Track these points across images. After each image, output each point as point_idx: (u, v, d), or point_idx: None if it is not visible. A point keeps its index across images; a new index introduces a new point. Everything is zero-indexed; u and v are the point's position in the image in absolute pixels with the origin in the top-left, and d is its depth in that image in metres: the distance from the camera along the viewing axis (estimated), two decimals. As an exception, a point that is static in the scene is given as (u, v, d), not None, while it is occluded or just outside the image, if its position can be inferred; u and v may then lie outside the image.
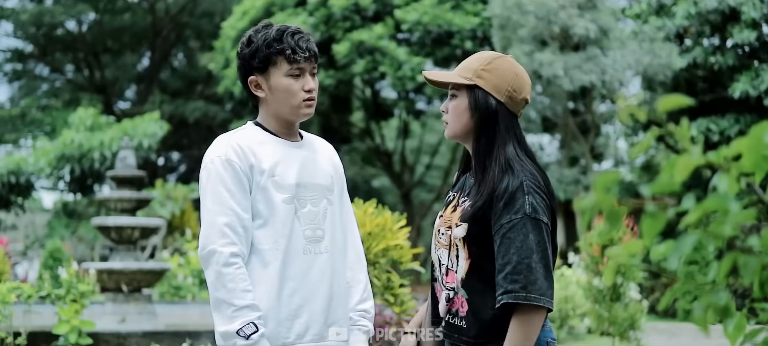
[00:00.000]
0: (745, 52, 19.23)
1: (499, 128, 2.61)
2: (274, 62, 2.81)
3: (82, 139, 22.26)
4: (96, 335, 8.38)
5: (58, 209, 26.65)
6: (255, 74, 2.84)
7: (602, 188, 1.29)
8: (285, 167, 2.80)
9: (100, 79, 34.51)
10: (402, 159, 28.32)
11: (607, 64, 18.20)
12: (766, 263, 1.29)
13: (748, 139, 1.26)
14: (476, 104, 2.62)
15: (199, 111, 31.28)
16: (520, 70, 2.66)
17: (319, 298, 2.79)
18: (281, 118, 2.86)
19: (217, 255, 2.69)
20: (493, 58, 2.67)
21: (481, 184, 2.58)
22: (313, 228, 2.80)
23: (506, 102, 2.62)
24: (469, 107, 2.64)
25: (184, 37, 35.29)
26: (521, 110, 2.67)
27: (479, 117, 2.62)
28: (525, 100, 2.66)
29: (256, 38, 2.83)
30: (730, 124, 18.69)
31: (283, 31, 2.82)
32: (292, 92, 2.81)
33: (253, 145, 2.79)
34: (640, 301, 9.83)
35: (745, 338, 1.45)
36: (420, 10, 22.61)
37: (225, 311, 2.67)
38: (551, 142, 22.53)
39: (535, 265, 2.45)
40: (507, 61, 2.66)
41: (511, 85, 2.62)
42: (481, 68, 2.64)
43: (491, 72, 2.63)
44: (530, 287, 2.43)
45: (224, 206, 2.73)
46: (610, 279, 1.29)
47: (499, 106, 2.61)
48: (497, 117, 2.61)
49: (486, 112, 2.61)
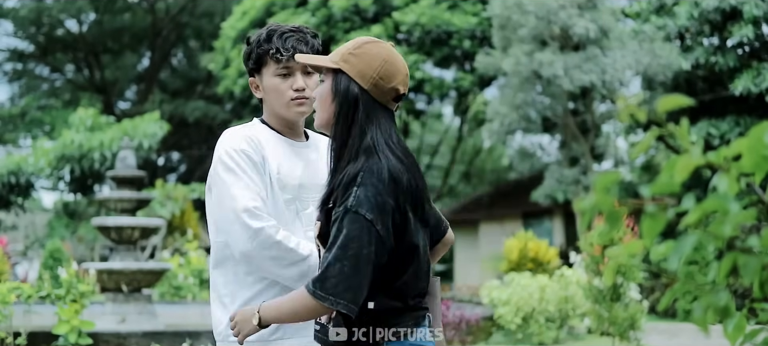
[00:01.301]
0: (746, 53, 19.23)
1: (358, 117, 2.40)
2: (264, 63, 2.85)
3: (82, 140, 22.26)
4: (96, 335, 8.38)
5: (58, 209, 26.66)
6: (254, 75, 2.90)
7: (602, 188, 1.29)
8: (289, 167, 2.80)
9: (100, 79, 34.51)
10: (402, 159, 28.29)
11: (607, 64, 18.20)
12: (766, 263, 1.29)
13: (748, 139, 1.26)
14: (337, 89, 2.44)
15: (199, 111, 31.29)
16: (392, 58, 2.45)
17: None
18: (279, 117, 2.88)
19: (266, 229, 2.63)
20: (365, 42, 2.48)
21: (333, 175, 2.43)
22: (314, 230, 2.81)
23: (370, 89, 2.41)
24: (331, 93, 2.45)
25: (184, 37, 35.30)
26: (394, 103, 2.46)
27: (338, 103, 2.43)
28: (395, 90, 2.44)
29: (252, 40, 2.89)
30: (730, 127, 18.70)
31: (274, 32, 2.85)
32: (279, 92, 2.85)
33: (262, 140, 2.80)
34: (640, 301, 9.83)
35: (745, 338, 1.45)
36: (418, 11, 22.64)
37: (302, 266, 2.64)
38: (551, 142, 22.53)
39: (334, 261, 2.27)
40: (379, 47, 2.47)
41: (378, 72, 2.41)
42: (349, 52, 2.46)
43: (358, 56, 2.44)
44: (319, 284, 2.29)
45: (252, 190, 2.68)
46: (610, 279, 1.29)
47: (361, 93, 2.41)
48: (358, 104, 2.41)
49: (345, 98, 2.42)
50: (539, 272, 15.97)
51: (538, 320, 10.96)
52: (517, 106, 19.19)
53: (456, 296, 17.40)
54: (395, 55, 2.48)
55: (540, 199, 20.55)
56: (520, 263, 16.49)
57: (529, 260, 16.56)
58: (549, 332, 10.96)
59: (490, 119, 19.72)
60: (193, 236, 19.48)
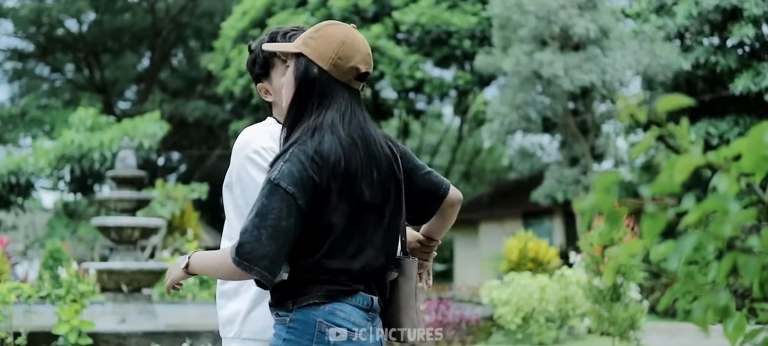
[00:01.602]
0: (746, 53, 19.24)
1: (313, 98, 2.47)
2: (272, 65, 2.83)
3: (82, 140, 22.27)
4: (96, 335, 8.38)
5: (59, 209, 26.67)
6: (262, 80, 2.88)
7: (602, 188, 1.29)
8: None
9: (100, 79, 34.52)
10: (402, 159, 28.30)
11: (607, 64, 18.20)
12: (766, 263, 1.29)
13: (748, 139, 1.26)
14: (297, 72, 2.50)
15: (199, 111, 31.29)
16: (351, 38, 2.50)
17: None
18: None
19: None
20: (325, 25, 2.54)
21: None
22: None
23: (330, 70, 2.47)
24: (294, 76, 2.52)
25: (184, 37, 35.31)
26: (357, 82, 2.52)
27: (297, 84, 2.49)
28: (355, 69, 2.49)
29: (254, 46, 2.87)
30: (729, 127, 18.70)
31: (277, 33, 2.83)
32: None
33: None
34: (640, 301, 9.83)
35: (745, 338, 1.45)
36: (418, 10, 22.66)
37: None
38: (551, 142, 22.53)
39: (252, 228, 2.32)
40: (337, 28, 2.52)
41: (336, 52, 2.47)
42: (309, 36, 2.52)
43: (317, 39, 2.49)
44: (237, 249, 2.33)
45: None
46: (610, 279, 1.29)
47: (320, 73, 2.47)
48: (314, 85, 2.47)
49: (304, 79, 2.48)
50: (539, 272, 15.97)
51: (538, 320, 10.96)
52: (517, 106, 19.20)
53: (456, 296, 17.40)
54: (355, 36, 2.52)
55: (540, 199, 20.55)
56: (520, 263, 16.49)
57: (529, 260, 16.56)
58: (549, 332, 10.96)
59: (490, 119, 19.72)
60: (193, 236, 19.48)
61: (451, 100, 27.92)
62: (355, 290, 2.44)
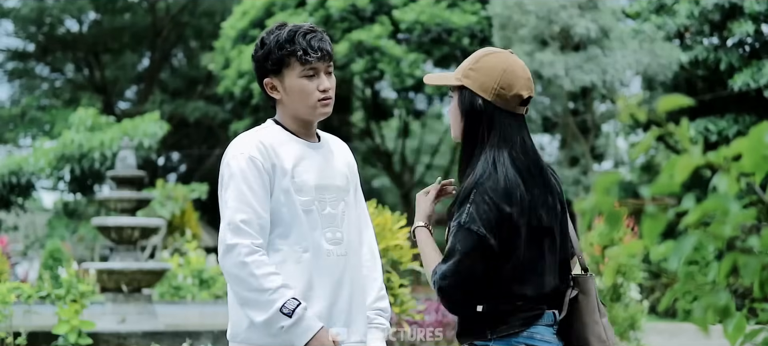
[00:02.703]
0: (746, 52, 19.23)
1: (482, 129, 2.52)
2: (287, 64, 2.76)
3: (82, 140, 22.26)
4: (96, 335, 8.37)
5: (58, 209, 26.66)
6: (270, 76, 2.81)
7: (602, 188, 1.29)
8: (305, 169, 2.77)
9: (101, 78, 34.51)
10: (402, 159, 28.31)
11: (608, 64, 18.20)
12: (766, 263, 1.29)
13: (748, 139, 1.26)
14: (462, 106, 2.56)
15: (199, 111, 31.28)
16: (511, 65, 2.54)
17: (341, 302, 2.78)
18: (299, 119, 2.82)
19: (239, 247, 2.62)
20: (483, 55, 2.58)
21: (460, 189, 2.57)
22: (333, 230, 2.79)
23: (494, 100, 2.51)
24: (459, 109, 2.57)
25: (184, 37, 35.30)
26: (520, 107, 2.55)
27: (464, 118, 2.56)
28: (518, 96, 2.53)
29: (269, 40, 2.79)
30: (728, 125, 18.70)
31: (295, 32, 2.77)
32: (307, 93, 2.77)
33: (275, 145, 2.76)
34: (641, 301, 9.82)
35: (745, 338, 1.45)
36: (417, 9, 22.66)
37: (260, 298, 2.60)
38: (551, 142, 22.53)
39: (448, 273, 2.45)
40: (496, 58, 2.56)
41: (498, 82, 2.51)
42: (469, 67, 2.56)
43: (477, 70, 2.54)
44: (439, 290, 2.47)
45: (245, 203, 2.67)
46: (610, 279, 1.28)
47: (485, 105, 2.52)
48: (482, 117, 2.53)
49: (471, 112, 2.54)
50: (539, 272, 15.95)
51: (538, 320, 10.95)
52: (518, 106, 19.19)
53: (456, 296, 17.40)
54: (514, 62, 2.57)
55: (540, 199, 20.52)
56: (520, 263, 16.47)
57: (529, 260, 16.54)
58: (549, 332, 10.95)
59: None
60: (192, 236, 19.47)
61: (451, 100, 27.90)
62: (544, 311, 2.55)
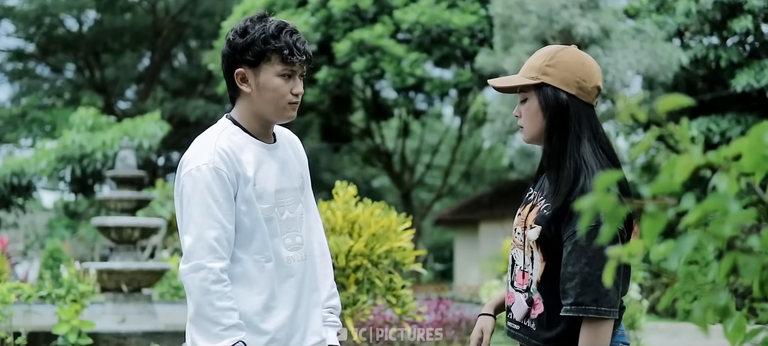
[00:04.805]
0: (746, 50, 19.23)
1: (571, 123, 2.52)
2: (268, 59, 2.66)
3: (82, 140, 22.27)
4: (96, 335, 8.38)
5: (59, 209, 26.67)
6: (244, 67, 2.69)
7: (602, 188, 1.28)
8: (265, 175, 2.69)
9: (101, 78, 34.52)
10: (402, 159, 28.31)
11: (609, 64, 18.20)
12: (766, 263, 1.28)
13: (748, 139, 1.26)
14: (547, 102, 2.54)
15: (199, 110, 31.30)
16: (585, 58, 2.58)
17: (302, 307, 2.75)
18: (262, 118, 2.73)
19: (206, 271, 2.56)
20: (556, 51, 2.58)
21: (558, 185, 2.51)
22: (292, 235, 2.73)
23: (577, 93, 2.53)
24: (540, 107, 2.55)
25: (184, 36, 35.30)
26: (596, 100, 2.58)
27: (551, 115, 2.54)
28: (597, 88, 2.56)
29: (253, 30, 2.68)
30: (730, 125, 18.70)
31: (282, 28, 2.69)
32: (280, 93, 2.67)
33: (236, 152, 2.66)
34: (640, 301, 9.83)
35: (745, 338, 1.45)
36: (418, 10, 22.69)
37: (211, 329, 2.56)
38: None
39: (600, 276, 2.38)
40: (570, 52, 2.58)
41: (579, 75, 2.53)
42: (545, 64, 2.55)
43: (556, 66, 2.54)
44: (601, 300, 2.40)
45: (213, 218, 2.59)
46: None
47: (570, 99, 2.53)
48: (569, 112, 2.52)
49: (557, 108, 2.53)
50: (539, 272, 15.94)
51: (538, 320, 10.95)
52: (518, 106, 19.20)
53: (456, 296, 17.41)
54: (586, 56, 2.60)
55: (540, 199, 20.53)
56: (521, 263, 16.46)
57: (530, 260, 16.53)
58: (549, 332, 10.95)
59: (491, 119, 19.73)
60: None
61: (451, 100, 27.92)
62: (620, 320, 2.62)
